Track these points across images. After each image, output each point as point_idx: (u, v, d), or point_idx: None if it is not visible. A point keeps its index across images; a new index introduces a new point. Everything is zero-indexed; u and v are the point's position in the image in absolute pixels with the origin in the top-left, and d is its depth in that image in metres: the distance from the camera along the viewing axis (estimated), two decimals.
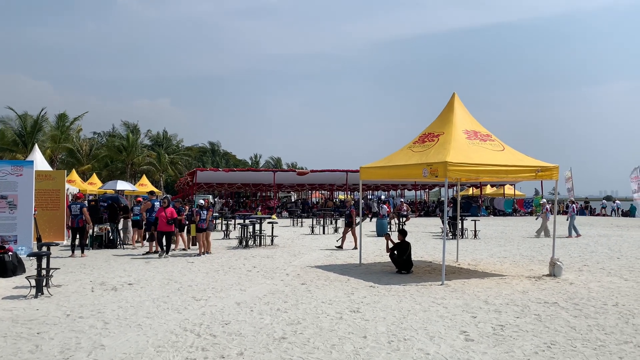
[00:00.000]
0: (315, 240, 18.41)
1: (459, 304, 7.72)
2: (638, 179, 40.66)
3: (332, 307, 7.49)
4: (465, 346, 5.63)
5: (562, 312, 7.21)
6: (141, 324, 6.57)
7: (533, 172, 10.42)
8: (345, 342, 5.79)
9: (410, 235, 19.82)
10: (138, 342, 5.79)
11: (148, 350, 5.52)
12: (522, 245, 16.71)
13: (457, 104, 11.39)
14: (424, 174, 10.04)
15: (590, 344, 5.71)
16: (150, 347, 5.61)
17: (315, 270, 11.15)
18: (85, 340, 5.89)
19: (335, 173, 38.28)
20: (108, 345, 5.70)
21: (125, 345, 5.70)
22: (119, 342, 5.82)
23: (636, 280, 9.84)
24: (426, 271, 11.08)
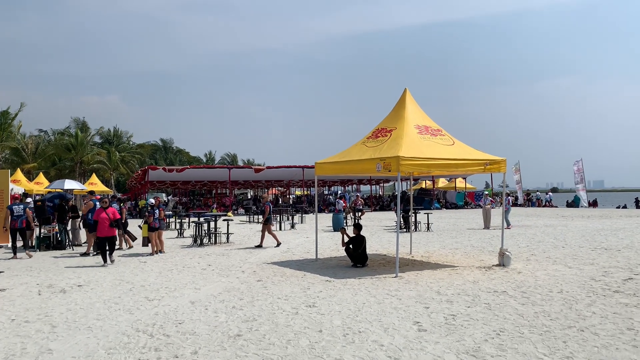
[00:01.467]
0: (271, 237, 18.33)
1: (413, 295, 7.87)
2: (580, 171, 42.46)
3: (288, 303, 7.50)
4: (418, 336, 5.75)
5: (511, 301, 7.47)
6: (91, 327, 6.39)
7: (482, 165, 10.73)
8: (300, 337, 5.81)
9: (366, 229, 20.04)
10: (88, 345, 5.63)
11: (98, 352, 5.38)
12: (472, 237, 17.18)
13: (409, 100, 11.58)
14: (378, 168, 10.17)
15: (537, 330, 5.94)
16: (100, 350, 5.46)
17: (272, 266, 11.13)
18: (32, 345, 5.68)
19: (291, 169, 38.25)
20: (56, 349, 5.51)
21: (74, 348, 5.53)
22: (67, 345, 5.64)
23: (579, 267, 10.29)
24: (381, 264, 11.24)
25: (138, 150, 68.77)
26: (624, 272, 9.68)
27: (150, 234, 13.58)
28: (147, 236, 14.09)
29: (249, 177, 45.19)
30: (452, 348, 5.32)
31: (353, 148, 11.65)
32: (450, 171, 11.34)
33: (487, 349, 5.26)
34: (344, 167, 11.32)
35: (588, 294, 7.82)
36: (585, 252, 12.53)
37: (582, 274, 9.50)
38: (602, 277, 9.14)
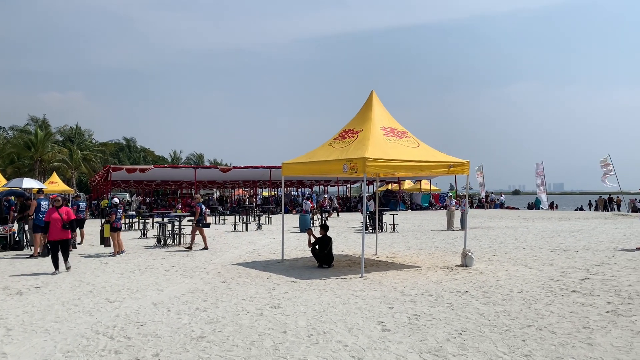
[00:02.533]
0: (237, 238, 18.22)
1: (377, 296, 7.93)
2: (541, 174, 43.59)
3: (252, 304, 7.45)
4: (382, 336, 5.79)
5: (473, 300, 7.60)
6: (49, 329, 6.20)
7: (446, 167, 10.90)
8: (265, 338, 5.78)
9: (333, 230, 20.09)
10: (44, 348, 5.46)
11: (56, 356, 5.22)
12: (437, 238, 17.43)
13: (376, 102, 11.68)
14: (344, 169, 10.22)
15: (497, 329, 6.06)
16: (58, 353, 5.31)
17: (237, 267, 11.03)
18: None
19: (258, 170, 38.03)
20: (10, 353, 5.33)
21: (30, 352, 5.36)
22: (22, 349, 5.46)
23: (539, 268, 10.56)
24: (347, 265, 11.28)
25: (101, 149, 67.19)
26: (581, 272, 9.98)
27: (113, 234, 13.28)
28: (108, 236, 13.71)
29: (216, 178, 44.74)
30: (414, 348, 5.38)
31: (320, 149, 11.67)
32: (415, 173, 11.49)
33: (449, 348, 5.34)
34: (311, 168, 11.33)
35: (547, 293, 8.03)
36: (545, 253, 12.87)
37: (541, 275, 9.75)
38: (560, 278, 9.40)
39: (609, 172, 39.98)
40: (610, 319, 6.48)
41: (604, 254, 12.58)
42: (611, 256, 12.11)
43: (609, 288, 8.38)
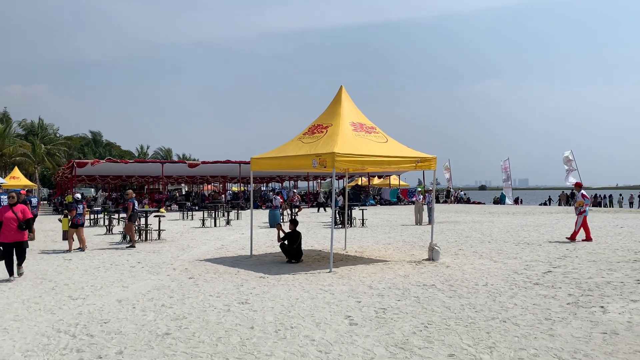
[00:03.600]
0: (205, 234, 18.04)
1: (345, 290, 7.96)
2: (507, 169, 44.51)
3: (220, 300, 7.38)
4: (349, 330, 5.81)
5: (439, 294, 7.71)
6: (7, 328, 6.01)
7: (413, 162, 11.01)
8: (232, 334, 5.73)
9: (302, 225, 20.09)
10: (2, 348, 5.29)
11: (14, 355, 5.07)
12: (404, 232, 17.62)
13: (345, 97, 11.69)
14: (314, 164, 10.21)
15: (463, 322, 6.15)
16: (17, 352, 5.15)
17: (204, 263, 10.92)
18: None
19: (227, 165, 37.68)
20: None
21: None
22: None
23: (503, 261, 10.78)
24: (316, 259, 11.29)
25: (65, 142, 65.54)
26: (544, 265, 10.22)
27: (73, 230, 12.94)
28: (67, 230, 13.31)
29: (184, 173, 44.13)
30: (381, 341, 5.42)
31: (289, 144, 11.62)
32: (384, 168, 11.57)
33: (415, 341, 5.40)
34: (280, 163, 11.28)
35: (511, 286, 8.20)
36: (510, 247, 13.14)
37: (506, 268, 9.96)
38: (524, 271, 9.62)
39: (571, 168, 41.08)
40: (570, 310, 6.65)
41: (566, 247, 12.92)
42: (572, 249, 12.45)
43: (570, 280, 8.61)
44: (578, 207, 14.57)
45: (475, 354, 4.99)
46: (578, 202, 14.77)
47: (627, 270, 9.50)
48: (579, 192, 15.02)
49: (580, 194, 14.88)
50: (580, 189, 15.22)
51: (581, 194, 14.84)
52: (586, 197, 14.77)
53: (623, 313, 6.45)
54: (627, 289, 7.85)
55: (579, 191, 15.08)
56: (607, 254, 11.53)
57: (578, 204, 14.70)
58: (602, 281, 8.50)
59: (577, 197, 15.02)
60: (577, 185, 15.81)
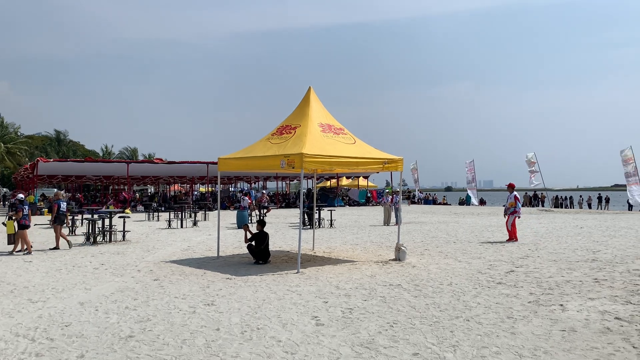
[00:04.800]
0: (171, 235, 17.80)
1: (313, 291, 7.98)
2: (472, 171, 45.34)
3: (185, 302, 7.29)
4: (315, 331, 5.83)
5: (405, 293, 7.80)
6: None
7: (380, 164, 11.12)
8: (197, 336, 5.67)
9: (270, 226, 20.04)
10: None
11: None
12: (372, 233, 17.76)
13: (313, 98, 11.72)
14: (282, 165, 10.20)
15: (427, 321, 6.24)
16: None
17: (170, 265, 10.77)
18: None
19: (195, 165, 37.26)
20: None
21: None
22: None
23: (468, 261, 10.98)
24: (283, 260, 11.28)
25: (26, 141, 63.70)
26: (507, 265, 10.46)
27: (20, 231, 12.47)
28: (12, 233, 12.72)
29: (150, 173, 43.47)
30: (347, 341, 5.45)
31: (257, 144, 11.58)
32: (352, 169, 11.65)
33: (380, 341, 5.45)
34: (248, 163, 11.23)
35: (474, 286, 8.36)
36: (474, 247, 13.39)
37: (470, 267, 10.15)
38: (487, 270, 9.82)
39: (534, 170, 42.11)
40: (531, 308, 6.83)
41: (528, 247, 13.25)
42: (534, 249, 12.77)
43: (531, 280, 8.83)
44: (510, 208, 14.67)
45: (439, 353, 5.08)
46: (510, 202, 14.82)
47: (585, 269, 9.80)
48: (511, 194, 15.02)
49: (512, 195, 14.92)
50: (512, 190, 15.22)
51: (514, 195, 14.89)
52: (518, 199, 14.88)
53: (581, 311, 6.66)
54: (585, 288, 8.10)
55: (511, 192, 15.09)
56: (567, 254, 11.88)
57: (510, 204, 14.77)
58: (562, 280, 8.75)
59: (509, 198, 15.01)
60: (509, 187, 15.72)
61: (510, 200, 14.92)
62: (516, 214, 14.65)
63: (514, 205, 14.74)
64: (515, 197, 14.90)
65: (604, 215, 28.89)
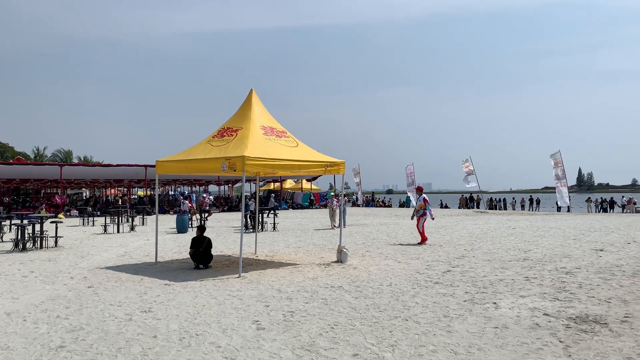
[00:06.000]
0: (108, 240, 17.18)
1: (254, 295, 7.91)
2: (412, 174, 46.42)
3: (121, 309, 7.05)
4: (256, 335, 5.78)
5: (346, 295, 7.88)
6: None
7: (323, 167, 11.20)
8: (133, 344, 5.50)
9: (212, 230, 19.74)
10: None
11: None
12: (315, 236, 17.84)
13: (255, 101, 11.65)
14: (223, 168, 10.07)
15: (367, 322, 6.33)
16: None
17: (106, 271, 10.39)
18: None
19: (133, 168, 36.11)
20: None
21: None
22: None
23: (407, 262, 11.23)
24: (225, 265, 11.13)
25: None
26: (444, 265, 10.78)
27: None
28: None
29: (85, 176, 41.76)
30: (288, 344, 5.44)
31: (198, 147, 11.38)
32: (294, 172, 11.67)
33: (321, 343, 5.48)
34: (188, 166, 11.01)
35: (413, 286, 8.56)
36: (413, 248, 13.72)
37: (409, 268, 10.38)
38: (425, 270, 10.08)
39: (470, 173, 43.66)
40: (467, 307, 7.07)
41: (464, 248, 13.71)
42: (470, 250, 13.23)
43: (467, 279, 9.14)
44: (419, 210, 14.89)
45: (379, 353, 5.16)
46: (419, 205, 15.08)
47: (517, 268, 10.25)
48: (420, 196, 15.32)
49: (422, 197, 15.19)
50: (421, 192, 15.54)
51: (423, 197, 15.18)
52: (427, 201, 15.23)
53: (513, 308, 6.95)
54: (517, 286, 8.47)
55: (420, 194, 15.39)
56: (500, 254, 12.38)
57: (419, 207, 15.02)
58: (496, 279, 9.11)
59: (418, 200, 15.27)
60: (418, 189, 15.97)
61: (419, 203, 15.17)
62: (426, 215, 14.89)
63: (423, 207, 14.98)
64: (424, 199, 15.16)
65: (535, 216, 30.35)
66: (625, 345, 5.31)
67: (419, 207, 15.10)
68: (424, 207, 15.00)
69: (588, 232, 17.52)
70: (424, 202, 15.07)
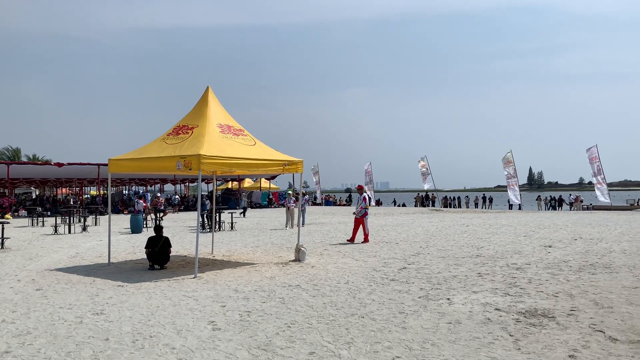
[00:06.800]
0: (58, 241, 16.61)
1: (210, 295, 7.82)
2: (369, 173, 46.95)
3: (71, 312, 6.83)
4: (212, 336, 5.72)
5: (303, 294, 7.89)
6: None
7: (281, 165, 11.17)
8: (83, 347, 5.33)
9: (168, 230, 19.36)
10: None
11: None
12: (274, 235, 17.78)
13: (212, 98, 11.50)
14: (178, 166, 9.90)
15: (324, 320, 6.36)
16: None
17: (56, 273, 10.05)
18: None
19: (85, 167, 35.03)
20: None
21: None
22: None
23: (364, 260, 11.34)
24: (180, 265, 10.95)
25: None
26: (400, 262, 10.94)
27: None
28: None
29: (35, 175, 40.24)
30: (244, 344, 5.40)
31: (152, 145, 11.14)
32: (252, 171, 11.58)
33: (277, 342, 5.46)
34: (142, 165, 10.77)
35: (369, 283, 8.65)
36: (370, 246, 13.87)
37: (366, 266, 10.49)
38: (382, 268, 10.21)
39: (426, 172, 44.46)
40: (421, 303, 7.20)
41: (420, 245, 13.95)
42: (425, 247, 13.49)
43: (422, 275, 9.31)
44: (362, 210, 14.92)
45: (335, 350, 5.19)
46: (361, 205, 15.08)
47: (470, 264, 10.51)
48: (360, 195, 15.41)
49: (362, 196, 15.30)
50: (362, 191, 15.66)
51: (363, 196, 15.29)
52: (366, 200, 15.31)
53: (466, 304, 7.13)
54: (470, 282, 8.68)
55: (361, 194, 15.49)
56: (454, 251, 12.67)
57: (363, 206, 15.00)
58: (450, 275, 9.31)
59: (359, 200, 15.29)
60: (358, 188, 16.02)
61: (361, 202, 15.19)
62: (367, 215, 14.97)
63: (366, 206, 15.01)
64: (364, 198, 15.26)
65: (488, 214, 31.21)
66: (571, 337, 5.53)
67: (364, 206, 15.01)
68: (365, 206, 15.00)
69: (538, 229, 18.15)
70: (364, 201, 15.10)
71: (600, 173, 37.15)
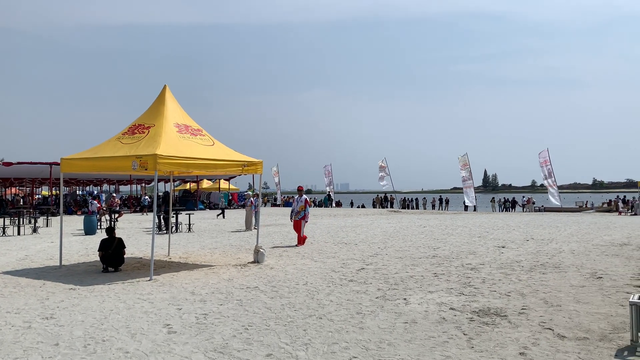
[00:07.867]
0: (6, 243, 15.97)
1: (166, 298, 7.68)
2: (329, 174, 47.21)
3: (19, 317, 6.58)
4: (167, 339, 5.61)
5: (261, 295, 7.85)
6: None
7: (240, 166, 11.09)
8: (31, 353, 5.14)
9: (123, 232, 18.90)
10: None
11: None
12: (232, 237, 17.62)
13: (169, 97, 11.31)
14: (134, 166, 9.69)
15: (282, 321, 6.34)
16: None
17: (3, 277, 9.65)
18: None
19: (36, 166, 33.76)
20: None
21: None
22: None
23: (323, 261, 11.38)
24: (135, 268, 10.71)
25: None
26: (359, 263, 11.03)
27: None
28: None
29: None
30: (200, 347, 5.33)
31: (106, 144, 10.87)
32: (210, 171, 11.44)
33: (234, 344, 5.42)
34: (96, 164, 10.49)
35: (328, 284, 8.68)
36: (329, 247, 13.93)
37: (324, 267, 10.52)
38: (340, 269, 10.26)
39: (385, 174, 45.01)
40: (379, 303, 7.28)
41: (378, 246, 14.11)
42: (383, 247, 13.64)
43: (380, 276, 9.41)
44: (300, 212, 14.72)
45: (292, 352, 5.18)
46: (300, 206, 14.83)
47: (427, 265, 10.70)
48: (301, 197, 15.06)
49: (303, 198, 14.98)
50: (302, 193, 15.35)
51: (304, 199, 14.99)
52: (308, 203, 15.19)
53: (422, 303, 7.25)
54: (426, 282, 8.84)
55: (301, 196, 15.16)
56: (411, 251, 12.87)
57: (300, 208, 14.78)
58: (406, 275, 9.45)
59: (299, 202, 14.93)
60: (298, 190, 15.67)
61: (300, 204, 14.91)
62: (306, 218, 14.78)
63: (304, 208, 14.80)
64: (305, 200, 14.94)
65: (444, 215, 31.85)
66: (522, 335, 5.70)
67: (300, 208, 14.77)
68: (304, 208, 14.78)
69: (492, 230, 18.65)
70: (304, 204, 14.84)
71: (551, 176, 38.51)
